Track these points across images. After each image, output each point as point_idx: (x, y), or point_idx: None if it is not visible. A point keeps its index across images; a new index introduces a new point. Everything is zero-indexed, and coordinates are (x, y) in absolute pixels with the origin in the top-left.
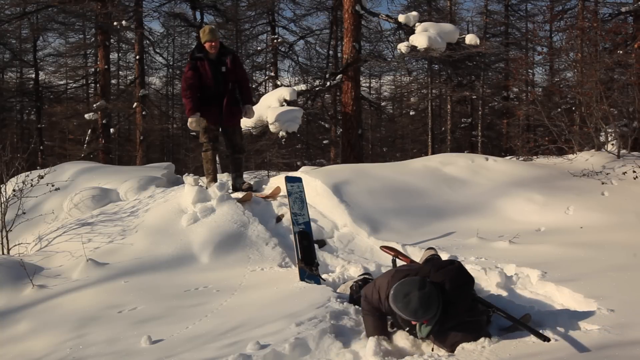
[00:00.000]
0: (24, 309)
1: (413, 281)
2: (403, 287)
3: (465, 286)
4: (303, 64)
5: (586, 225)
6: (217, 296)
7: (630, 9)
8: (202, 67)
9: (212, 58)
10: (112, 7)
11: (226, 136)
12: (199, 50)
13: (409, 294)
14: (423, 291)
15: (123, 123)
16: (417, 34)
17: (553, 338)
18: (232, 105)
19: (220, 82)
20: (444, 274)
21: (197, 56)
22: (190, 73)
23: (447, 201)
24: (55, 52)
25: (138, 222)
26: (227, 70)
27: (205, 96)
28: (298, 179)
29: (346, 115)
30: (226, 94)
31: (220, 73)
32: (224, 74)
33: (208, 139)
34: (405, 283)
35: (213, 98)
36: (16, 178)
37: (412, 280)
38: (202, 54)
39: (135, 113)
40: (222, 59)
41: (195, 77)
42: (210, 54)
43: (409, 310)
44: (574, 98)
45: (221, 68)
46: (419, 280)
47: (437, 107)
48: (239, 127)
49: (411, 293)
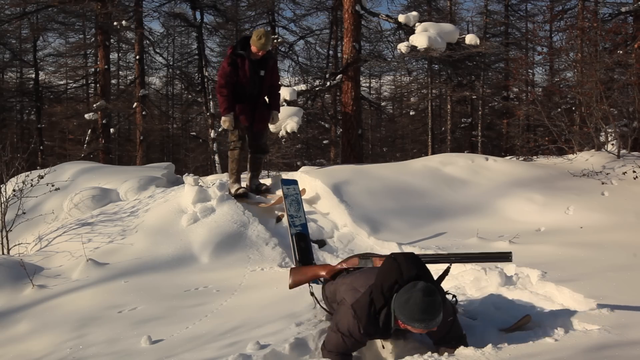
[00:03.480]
0: (24, 309)
1: (424, 289)
2: (420, 298)
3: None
4: (303, 64)
5: (586, 225)
6: (217, 296)
7: (630, 9)
8: (242, 65)
9: (253, 59)
10: (112, 7)
11: (253, 136)
12: (243, 46)
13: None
14: (435, 297)
15: (123, 123)
16: (417, 34)
17: (553, 338)
18: (264, 108)
19: (256, 84)
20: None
21: (239, 53)
22: (229, 69)
23: (447, 201)
24: (55, 52)
25: (138, 222)
26: (265, 75)
27: (238, 95)
28: (294, 182)
29: (346, 115)
30: (260, 96)
31: (258, 76)
32: (261, 78)
33: (238, 138)
34: (421, 294)
35: (246, 98)
36: (16, 178)
37: (423, 288)
38: (244, 51)
39: (135, 113)
40: (264, 63)
41: (233, 74)
42: (252, 55)
43: (433, 321)
44: (574, 98)
45: (260, 71)
46: (423, 288)
47: (437, 107)
48: (268, 129)
49: (435, 300)
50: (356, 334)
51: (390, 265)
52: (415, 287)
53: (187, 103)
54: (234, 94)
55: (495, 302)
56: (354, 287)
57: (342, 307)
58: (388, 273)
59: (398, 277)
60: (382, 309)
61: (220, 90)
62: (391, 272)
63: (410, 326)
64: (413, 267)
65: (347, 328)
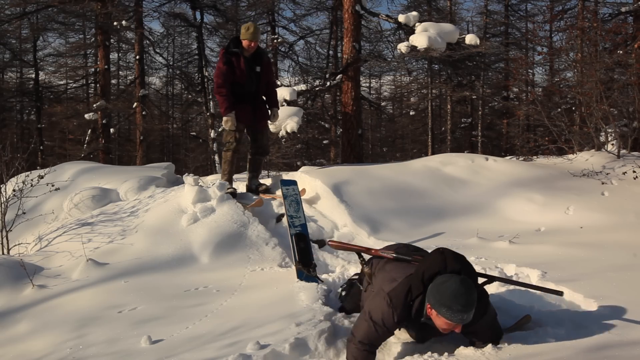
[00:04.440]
0: (24, 309)
1: (463, 279)
2: (457, 285)
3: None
4: (303, 64)
5: (586, 225)
6: (217, 296)
7: (630, 9)
8: (237, 63)
9: (247, 55)
10: (112, 7)
11: (253, 136)
12: (235, 45)
13: (469, 294)
14: (472, 288)
15: (123, 123)
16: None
17: (553, 338)
18: (264, 105)
19: (253, 81)
20: (448, 262)
21: (232, 51)
22: (225, 68)
23: (447, 201)
24: (55, 52)
25: (138, 222)
26: (261, 71)
27: (237, 94)
28: (293, 182)
29: (346, 115)
30: (259, 94)
31: (254, 72)
32: (257, 74)
33: (234, 139)
34: (458, 285)
35: (244, 96)
36: (16, 178)
37: (463, 279)
38: (237, 49)
39: (135, 113)
40: (258, 59)
41: (230, 73)
42: (246, 51)
43: (461, 313)
44: (574, 98)
45: (256, 67)
46: (462, 278)
47: (437, 107)
48: (268, 128)
49: (471, 294)
50: (389, 323)
51: (436, 256)
52: (454, 277)
53: (187, 103)
54: (233, 94)
55: (495, 302)
56: (393, 277)
57: (378, 296)
58: (432, 263)
59: (441, 268)
60: (418, 297)
61: (219, 90)
62: (435, 263)
63: (436, 311)
64: (458, 263)
65: (380, 317)
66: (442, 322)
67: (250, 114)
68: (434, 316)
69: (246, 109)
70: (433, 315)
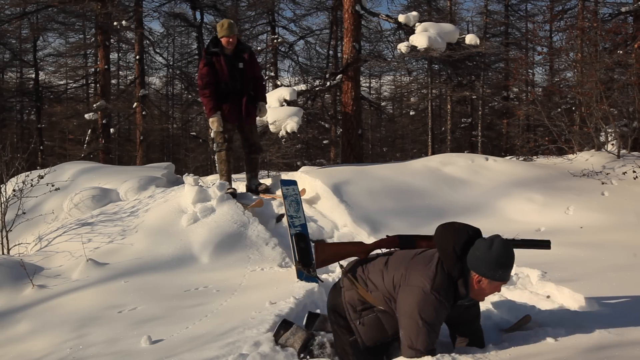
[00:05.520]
0: (24, 309)
1: (497, 237)
2: (504, 243)
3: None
4: (303, 64)
5: (586, 225)
6: (217, 296)
7: (630, 9)
8: (218, 62)
9: (228, 53)
10: (112, 7)
11: (243, 135)
12: (214, 44)
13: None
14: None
15: (123, 123)
16: (417, 34)
17: (553, 338)
18: (250, 103)
19: (237, 78)
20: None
21: (212, 51)
22: (205, 69)
23: (447, 201)
24: (55, 52)
25: (138, 222)
26: (244, 67)
27: (221, 93)
28: (293, 182)
29: (346, 115)
30: (244, 91)
31: (237, 69)
32: (241, 71)
33: (224, 139)
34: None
35: (229, 95)
36: (16, 178)
37: (497, 237)
38: (217, 48)
39: (135, 113)
40: (239, 55)
41: (212, 74)
42: (226, 49)
43: (511, 270)
44: (574, 98)
45: (238, 64)
46: (495, 235)
47: (437, 107)
48: (256, 125)
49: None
50: (443, 317)
51: (450, 230)
52: (489, 238)
53: (187, 103)
54: (219, 94)
55: (495, 302)
56: (417, 270)
57: (419, 297)
58: (455, 236)
59: (466, 236)
60: (460, 277)
61: (202, 92)
62: (458, 234)
63: (488, 279)
64: (468, 225)
65: (435, 317)
66: (494, 287)
67: (236, 112)
68: (484, 285)
69: (233, 108)
70: (483, 285)
